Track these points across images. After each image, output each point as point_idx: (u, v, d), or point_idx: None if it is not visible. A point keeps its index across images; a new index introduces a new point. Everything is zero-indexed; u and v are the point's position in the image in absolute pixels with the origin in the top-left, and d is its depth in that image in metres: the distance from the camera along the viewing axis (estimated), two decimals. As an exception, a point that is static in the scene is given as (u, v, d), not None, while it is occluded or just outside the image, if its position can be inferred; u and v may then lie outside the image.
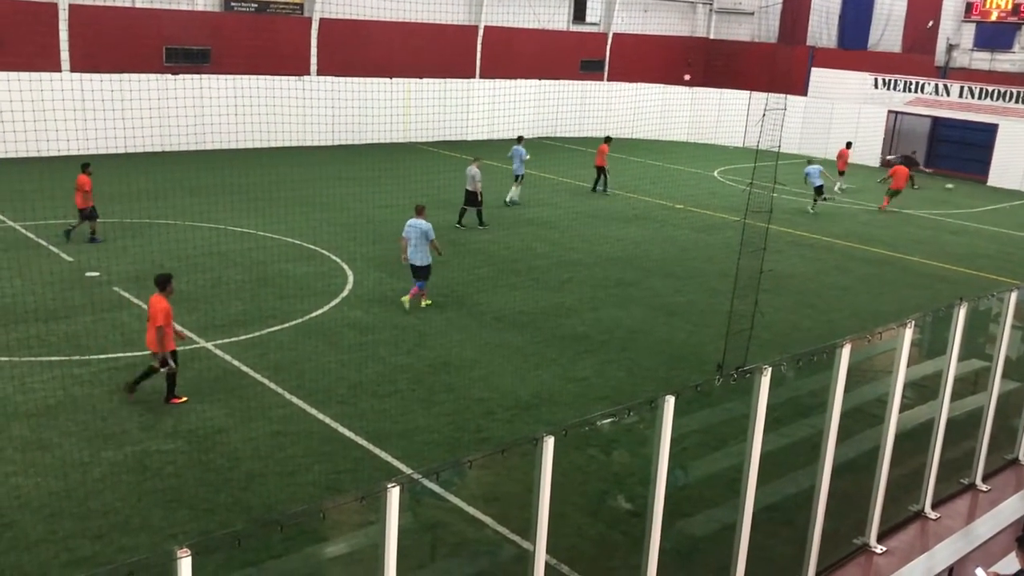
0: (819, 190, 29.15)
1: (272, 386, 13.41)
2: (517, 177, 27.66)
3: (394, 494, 6.01)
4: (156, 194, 24.56)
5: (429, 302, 17.40)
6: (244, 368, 14.03)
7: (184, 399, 12.71)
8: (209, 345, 14.87)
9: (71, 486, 10.40)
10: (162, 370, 12.51)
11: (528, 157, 27.90)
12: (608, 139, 30.79)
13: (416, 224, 17.05)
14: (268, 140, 33.24)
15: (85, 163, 20.96)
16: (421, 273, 17.16)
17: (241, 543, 5.84)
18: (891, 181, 30.62)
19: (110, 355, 14.18)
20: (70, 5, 30.05)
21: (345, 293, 17.94)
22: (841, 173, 34.54)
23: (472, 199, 24.04)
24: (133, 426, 11.93)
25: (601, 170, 30.18)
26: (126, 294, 17.03)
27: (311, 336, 15.60)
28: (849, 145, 35.58)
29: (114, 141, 28.23)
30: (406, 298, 17.14)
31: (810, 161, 30.42)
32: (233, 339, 15.18)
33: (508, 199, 27.32)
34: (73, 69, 30.19)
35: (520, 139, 28.68)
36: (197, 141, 31.46)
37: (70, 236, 20.43)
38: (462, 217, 24.15)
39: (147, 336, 12.72)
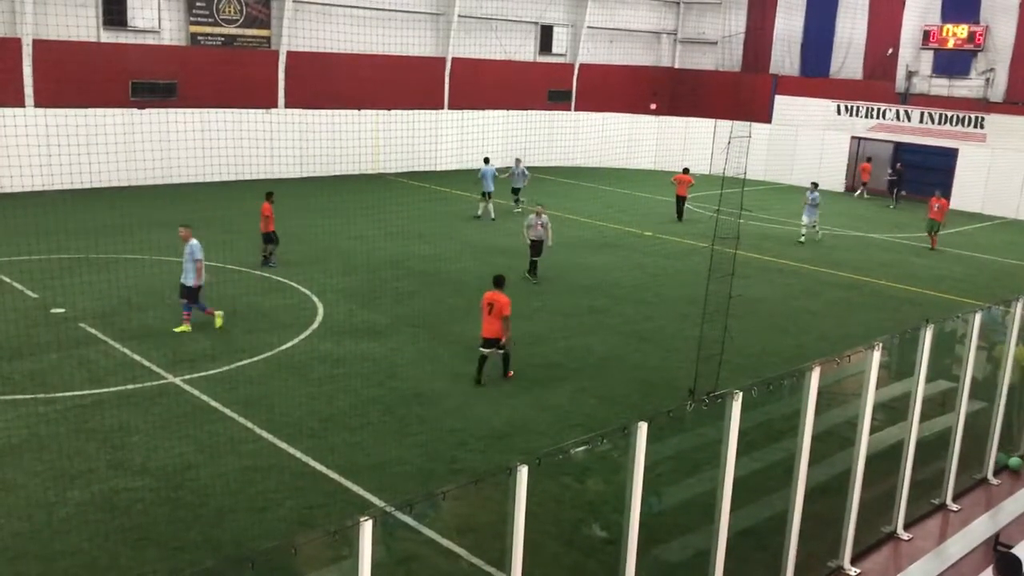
0: (488, 196, 29.24)
1: (242, 421, 13.27)
2: None
3: (367, 528, 5.95)
4: (122, 229, 24.29)
5: (187, 328, 17.02)
6: (213, 403, 13.87)
7: (511, 374, 15.34)
8: (177, 380, 14.69)
9: (36, 527, 10.20)
10: (503, 350, 15.14)
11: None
12: (686, 170, 31.77)
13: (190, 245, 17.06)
14: (236, 173, 33.09)
15: (269, 191, 22.37)
16: (184, 294, 17.10)
17: (211, 581, 5.76)
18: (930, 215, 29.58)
19: (76, 392, 13.96)
20: (34, 40, 29.86)
21: (315, 325, 17.83)
22: (864, 184, 40.73)
23: (538, 248, 22.56)
24: (100, 464, 11.74)
25: (682, 200, 30.91)
26: (92, 330, 16.81)
27: (281, 370, 15.48)
28: (869, 160, 40.94)
29: (79, 176, 27.93)
30: (184, 327, 17.03)
31: (487, 161, 30.57)
32: (202, 374, 15.02)
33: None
34: (37, 104, 29.93)
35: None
36: (164, 175, 31.27)
37: (270, 262, 21.97)
38: (533, 269, 22.65)
39: (488, 327, 15.01)
